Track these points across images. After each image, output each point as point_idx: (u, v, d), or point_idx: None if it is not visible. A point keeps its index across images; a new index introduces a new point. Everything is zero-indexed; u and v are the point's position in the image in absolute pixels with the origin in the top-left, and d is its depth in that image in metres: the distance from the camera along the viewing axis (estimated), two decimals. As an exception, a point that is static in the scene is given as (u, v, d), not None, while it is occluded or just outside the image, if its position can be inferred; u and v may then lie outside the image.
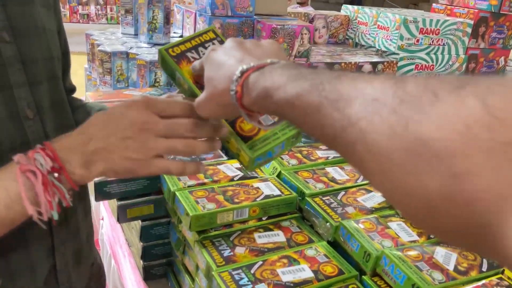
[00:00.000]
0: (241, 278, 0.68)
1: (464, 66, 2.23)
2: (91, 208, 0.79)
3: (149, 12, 1.70)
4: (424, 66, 2.13)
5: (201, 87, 0.57)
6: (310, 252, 0.76)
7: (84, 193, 0.74)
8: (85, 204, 0.75)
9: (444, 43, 2.13)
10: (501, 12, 2.19)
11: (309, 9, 5.44)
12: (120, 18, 1.92)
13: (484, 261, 0.72)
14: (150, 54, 1.58)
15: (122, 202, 0.91)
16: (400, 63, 2.06)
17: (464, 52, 2.21)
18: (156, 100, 0.52)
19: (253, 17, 1.76)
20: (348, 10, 2.37)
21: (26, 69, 0.56)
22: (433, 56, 2.13)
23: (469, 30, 2.15)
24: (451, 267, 0.69)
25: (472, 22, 2.15)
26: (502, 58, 2.38)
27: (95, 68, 1.73)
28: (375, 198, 0.87)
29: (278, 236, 0.80)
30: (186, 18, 1.91)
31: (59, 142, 0.50)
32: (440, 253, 0.71)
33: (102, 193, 0.90)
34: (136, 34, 1.87)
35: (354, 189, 0.90)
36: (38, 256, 0.61)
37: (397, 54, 2.05)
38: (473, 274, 0.69)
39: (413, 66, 2.10)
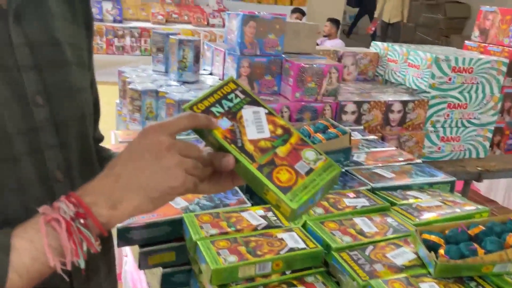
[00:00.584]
0: None
1: (499, 105, 2.15)
2: (115, 263, 0.78)
3: (179, 51, 1.73)
4: (457, 105, 2.07)
5: (231, 141, 0.56)
6: (335, 314, 0.72)
7: (108, 247, 0.72)
8: (109, 260, 0.73)
9: (477, 82, 2.07)
10: (537, 50, 2.13)
11: (336, 42, 5.48)
12: (151, 56, 1.97)
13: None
14: (179, 93, 1.60)
15: (144, 249, 0.90)
16: (431, 102, 2.01)
17: (499, 90, 2.13)
18: (163, 124, 0.52)
19: (281, 56, 1.77)
20: (377, 47, 2.35)
21: (57, 131, 0.56)
22: (466, 95, 2.07)
23: (504, 68, 2.09)
24: None
25: (507, 60, 2.09)
26: (540, 96, 2.29)
27: (126, 105, 1.76)
28: (405, 255, 0.82)
29: (302, 294, 0.77)
30: (215, 56, 1.94)
31: (84, 189, 0.50)
32: (478, 323, 0.66)
33: (124, 239, 0.89)
34: (166, 72, 1.90)
35: (383, 243, 0.86)
36: None
37: (428, 92, 2.01)
38: None
39: (445, 105, 2.05)
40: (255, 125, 0.57)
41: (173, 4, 5.81)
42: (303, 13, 5.66)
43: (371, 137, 1.56)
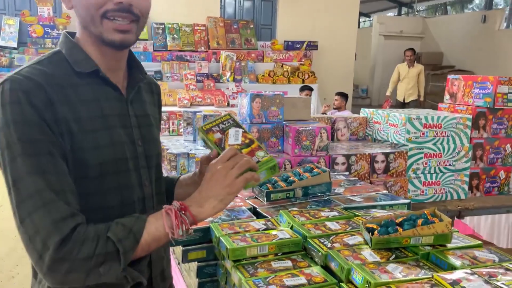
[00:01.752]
0: (260, 284, 1.07)
1: (470, 153, 2.57)
2: (169, 247, 1.23)
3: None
4: (432, 154, 2.51)
5: (218, 145, 1.04)
6: (307, 271, 1.13)
7: (167, 246, 1.18)
8: (168, 253, 1.18)
9: (447, 135, 2.52)
10: (495, 107, 2.58)
11: (346, 113, 6.04)
12: (182, 129, 2.52)
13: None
14: (205, 154, 2.11)
15: (185, 248, 1.35)
16: (410, 153, 2.46)
17: (468, 141, 2.57)
18: (217, 160, 0.99)
19: (282, 123, 2.28)
20: (365, 112, 2.86)
21: (146, 159, 1.04)
22: (440, 146, 2.51)
23: (469, 123, 2.54)
24: (397, 275, 1.04)
25: (470, 116, 2.55)
26: (508, 145, 2.70)
27: (164, 167, 2.27)
28: (356, 239, 1.24)
29: (288, 263, 1.19)
30: (232, 126, 2.48)
31: (188, 199, 0.96)
32: (392, 266, 1.07)
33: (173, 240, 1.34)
34: (194, 140, 2.43)
35: (342, 234, 1.28)
36: (143, 267, 1.04)
37: (406, 145, 2.46)
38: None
39: (422, 155, 2.49)
40: (234, 137, 1.06)
41: (197, 89, 6.58)
42: (311, 89, 6.31)
43: (353, 178, 2.00)
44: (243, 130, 1.09)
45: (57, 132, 0.86)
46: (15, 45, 6.36)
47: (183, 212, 0.92)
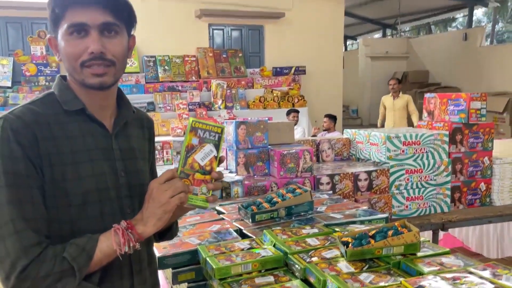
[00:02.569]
0: (243, 298, 1.15)
1: (449, 167, 2.68)
2: (157, 271, 1.30)
3: (193, 151, 2.37)
4: (413, 170, 2.61)
5: (187, 151, 1.07)
6: (287, 284, 1.22)
7: (151, 259, 1.26)
8: (151, 268, 1.25)
9: (427, 151, 2.63)
10: (470, 122, 2.71)
11: (335, 134, 6.16)
12: (173, 158, 2.62)
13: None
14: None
15: (175, 270, 1.43)
16: (391, 170, 2.56)
17: (447, 156, 2.68)
18: (154, 180, 1.05)
19: (267, 147, 2.39)
20: (348, 133, 2.98)
21: (129, 189, 1.13)
22: (420, 162, 2.62)
23: (446, 138, 2.66)
24: (368, 283, 1.13)
25: (447, 132, 2.67)
26: (486, 158, 2.82)
27: (156, 195, 2.36)
28: (333, 253, 1.33)
29: (270, 279, 1.27)
30: (220, 153, 2.58)
31: (134, 218, 1.06)
32: (364, 275, 1.16)
33: (162, 264, 1.42)
34: (184, 168, 2.53)
35: (321, 248, 1.37)
36: None
37: (388, 163, 2.57)
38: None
39: (403, 171, 2.59)
40: (203, 155, 1.08)
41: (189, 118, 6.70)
42: (297, 111, 6.53)
43: (336, 197, 2.10)
44: (216, 155, 1.09)
45: (39, 165, 0.99)
46: (9, 84, 6.50)
47: (130, 230, 1.02)
